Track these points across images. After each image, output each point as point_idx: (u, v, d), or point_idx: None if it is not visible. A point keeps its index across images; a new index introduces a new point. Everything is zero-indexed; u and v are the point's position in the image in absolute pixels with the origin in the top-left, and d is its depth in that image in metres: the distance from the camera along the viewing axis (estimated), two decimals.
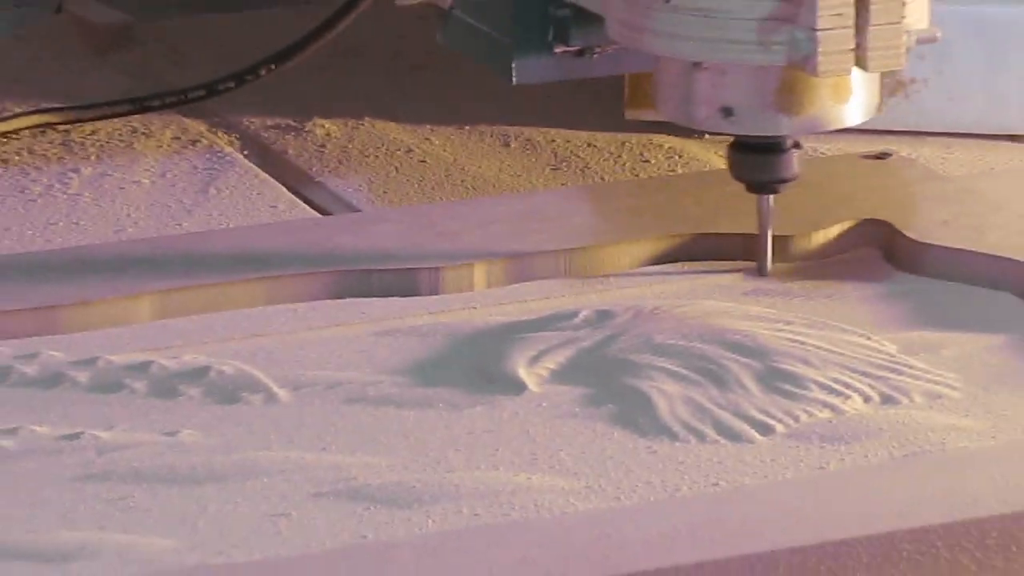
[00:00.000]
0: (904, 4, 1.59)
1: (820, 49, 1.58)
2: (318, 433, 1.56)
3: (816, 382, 1.60)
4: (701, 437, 1.55)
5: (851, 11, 1.58)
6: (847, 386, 1.60)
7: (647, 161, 1.93)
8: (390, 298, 1.71)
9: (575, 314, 1.68)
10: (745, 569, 1.38)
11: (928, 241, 1.74)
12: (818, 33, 1.58)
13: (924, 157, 1.89)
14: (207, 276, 1.70)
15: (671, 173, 1.90)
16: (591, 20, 1.70)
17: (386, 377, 1.62)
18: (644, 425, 1.56)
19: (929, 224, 1.75)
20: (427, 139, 1.97)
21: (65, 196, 1.88)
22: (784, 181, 1.69)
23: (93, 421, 1.57)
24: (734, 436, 1.55)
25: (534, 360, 1.63)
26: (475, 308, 1.71)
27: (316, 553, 1.43)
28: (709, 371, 1.61)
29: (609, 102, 2.00)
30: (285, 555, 1.43)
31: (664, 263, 1.76)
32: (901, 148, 1.89)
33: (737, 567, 1.39)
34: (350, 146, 1.96)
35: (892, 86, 1.95)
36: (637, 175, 1.91)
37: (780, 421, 1.57)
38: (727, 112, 1.65)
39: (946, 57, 1.96)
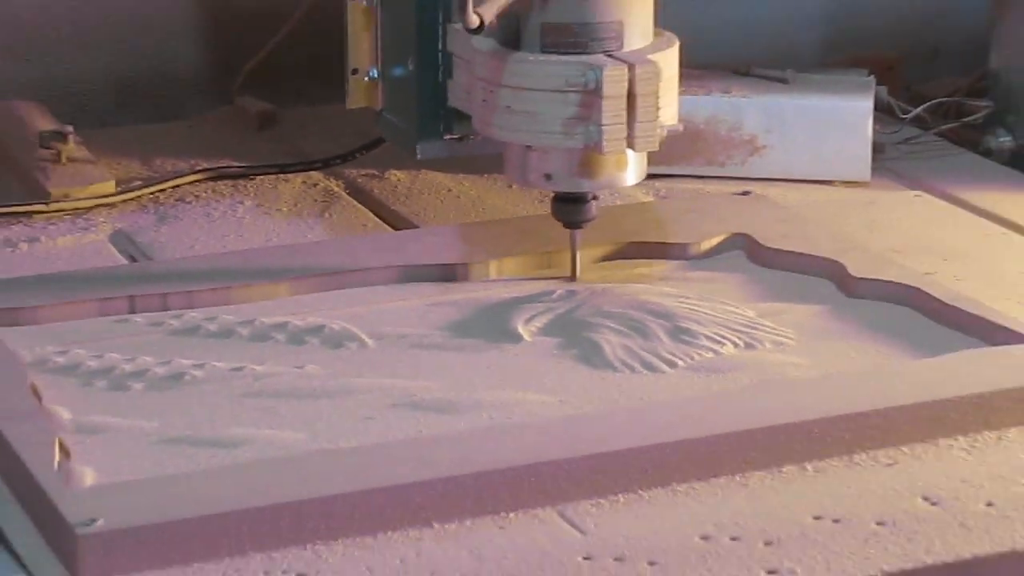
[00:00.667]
0: (658, 109, 1.56)
1: (604, 138, 1.56)
2: (392, 367, 1.56)
3: (704, 335, 1.60)
4: (632, 370, 1.55)
5: (624, 113, 1.56)
6: (723, 338, 1.60)
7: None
8: (437, 283, 1.71)
9: (553, 292, 1.67)
10: (659, 453, 1.39)
11: (774, 247, 1.74)
12: (603, 127, 1.56)
13: (770, 194, 1.88)
14: (323, 268, 1.70)
15: (613, 205, 1.88)
16: (465, 117, 1.69)
17: (435, 331, 1.62)
18: (596, 363, 1.56)
19: (774, 236, 1.75)
20: (460, 183, 1.97)
21: (234, 218, 1.88)
22: (587, 221, 1.66)
23: (251, 359, 1.57)
24: (653, 369, 1.55)
25: (527, 321, 1.63)
26: (490, 289, 1.70)
27: (390, 441, 1.43)
28: (637, 328, 1.60)
29: None
30: (371, 444, 1.44)
31: (609, 260, 1.75)
32: (756, 189, 1.89)
33: (654, 452, 1.39)
34: (412, 187, 1.96)
35: (751, 149, 1.95)
36: None
37: (681, 360, 1.57)
38: (548, 177, 1.63)
39: (785, 130, 1.95)
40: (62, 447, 1.41)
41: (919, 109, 2.06)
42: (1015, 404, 1.46)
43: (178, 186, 1.94)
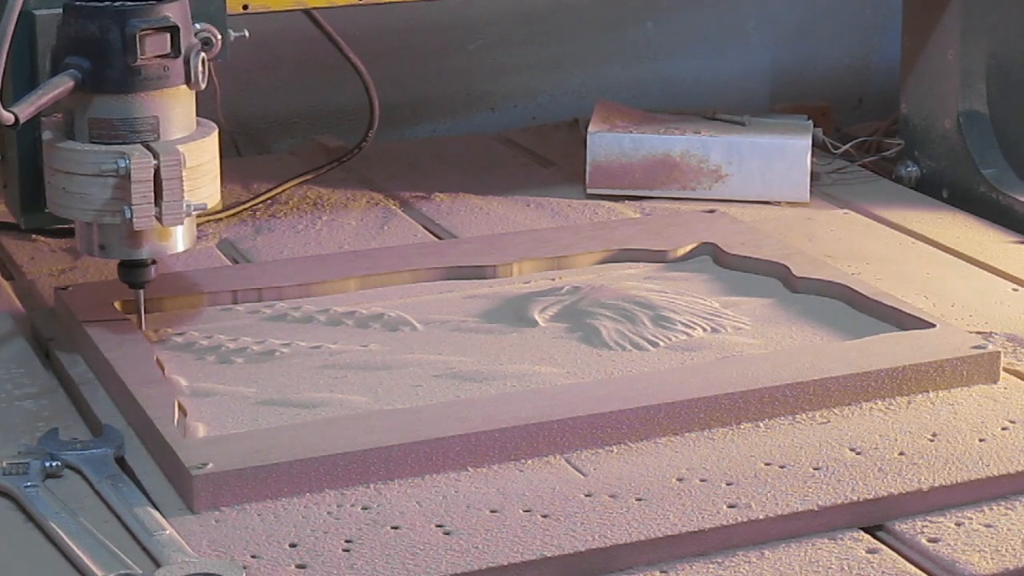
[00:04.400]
0: (184, 192, 1.45)
1: (135, 215, 1.44)
2: (436, 345, 1.55)
3: (679, 321, 1.59)
4: (623, 348, 1.55)
5: (152, 195, 1.44)
6: (694, 324, 1.59)
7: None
8: (471, 280, 1.70)
9: (561, 288, 1.66)
10: (645, 413, 1.38)
11: (733, 252, 1.73)
12: (134, 206, 1.44)
13: (731, 212, 1.88)
14: (383, 268, 1.69)
15: (608, 220, 1.87)
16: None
17: (469, 318, 1.61)
18: (595, 343, 1.56)
19: (735, 244, 1.74)
20: (491, 203, 1.96)
21: (314, 230, 1.87)
22: (147, 282, 1.53)
23: (327, 339, 1.56)
24: (640, 348, 1.55)
25: (542, 310, 1.62)
26: (513, 285, 1.69)
27: (434, 404, 1.43)
28: (627, 315, 1.60)
29: (567, 189, 1.99)
30: (419, 405, 1.44)
31: (605, 263, 1.74)
32: (720, 208, 1.88)
33: (640, 412, 1.39)
34: (452, 206, 1.95)
35: (716, 176, 1.95)
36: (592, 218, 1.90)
37: (662, 341, 1.56)
38: (103, 247, 1.50)
39: (743, 162, 1.94)
40: (180, 407, 1.41)
41: (847, 146, 2.05)
42: (921, 376, 1.46)
43: (270, 200, 1.94)
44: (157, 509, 1.28)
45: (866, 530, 1.28)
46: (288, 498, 1.29)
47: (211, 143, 1.49)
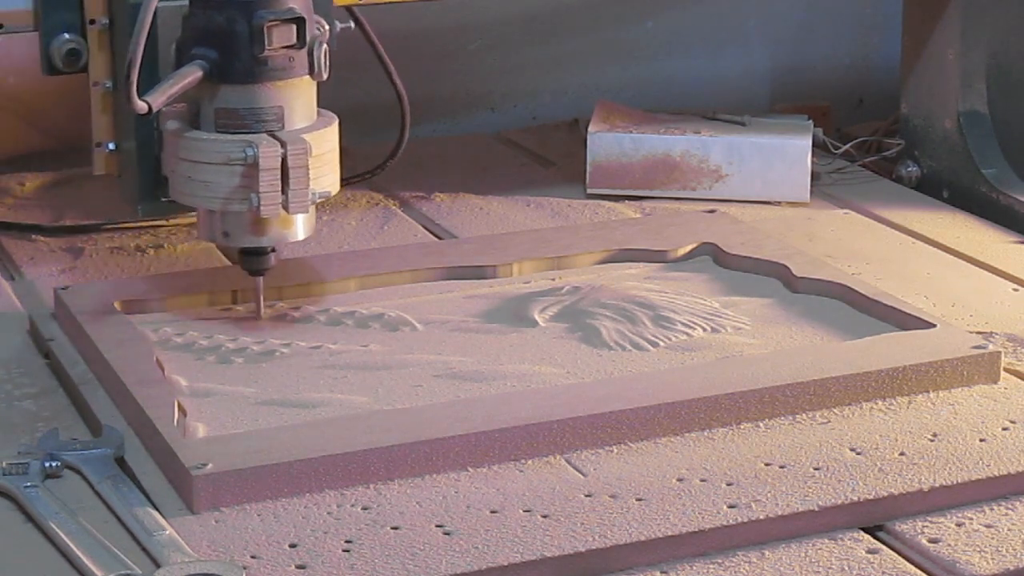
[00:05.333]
0: (310, 180, 1.50)
1: (262, 203, 1.49)
2: (436, 345, 1.55)
3: (679, 321, 1.59)
4: (623, 348, 1.55)
5: (278, 182, 1.49)
6: (694, 324, 1.59)
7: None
8: (471, 280, 1.70)
9: (562, 287, 1.66)
10: (645, 413, 1.38)
11: (733, 253, 1.73)
12: (261, 194, 1.48)
13: (731, 212, 1.88)
14: (383, 268, 1.69)
15: (608, 220, 1.87)
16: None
17: (469, 318, 1.61)
18: (595, 343, 1.56)
19: (734, 244, 1.74)
20: (491, 203, 1.96)
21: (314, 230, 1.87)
22: (266, 270, 1.56)
23: (327, 339, 1.56)
24: (640, 348, 1.55)
25: (542, 310, 1.62)
26: (513, 285, 1.69)
27: (435, 403, 1.43)
28: (627, 316, 1.60)
29: (567, 189, 1.99)
30: (420, 405, 1.44)
31: (606, 263, 1.74)
32: (720, 208, 1.88)
33: (641, 412, 1.39)
34: (452, 206, 1.95)
35: (716, 177, 1.95)
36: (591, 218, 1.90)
37: (662, 341, 1.56)
38: (226, 234, 1.54)
39: (743, 162, 1.95)
40: (180, 407, 1.41)
41: (847, 146, 2.05)
42: (922, 376, 1.46)
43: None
44: (157, 509, 1.28)
45: (866, 530, 1.28)
46: (288, 498, 1.29)
47: (332, 132, 1.53)
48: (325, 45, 1.51)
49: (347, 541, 1.24)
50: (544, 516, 1.27)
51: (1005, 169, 1.96)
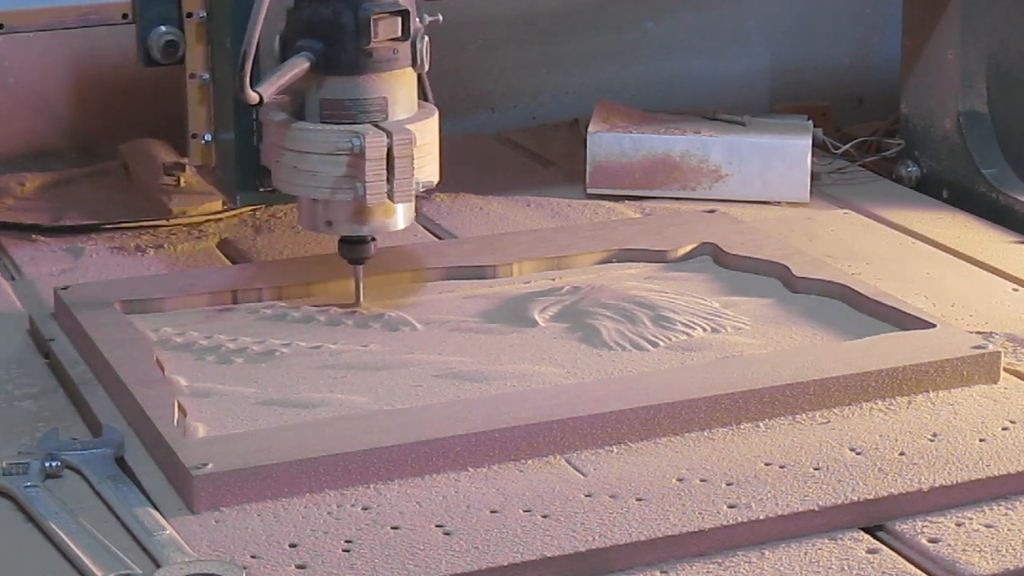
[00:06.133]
0: (414, 170, 1.52)
1: (368, 192, 1.51)
2: (436, 345, 1.55)
3: (679, 321, 1.59)
4: (623, 348, 1.55)
5: (384, 172, 1.51)
6: (694, 323, 1.59)
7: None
8: (471, 280, 1.69)
9: (561, 288, 1.66)
10: (645, 413, 1.38)
11: (733, 252, 1.72)
12: (367, 184, 1.51)
13: (731, 212, 1.87)
14: (383, 268, 1.69)
15: (609, 220, 1.87)
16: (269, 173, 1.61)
17: (469, 318, 1.61)
18: (595, 343, 1.56)
19: (734, 244, 1.74)
20: (491, 203, 1.96)
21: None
22: (366, 258, 1.59)
23: (327, 339, 1.56)
24: (640, 348, 1.55)
25: (542, 310, 1.62)
26: (513, 285, 1.69)
27: (435, 403, 1.43)
28: (627, 315, 1.60)
29: (567, 189, 1.99)
30: (420, 405, 1.44)
31: (606, 263, 1.74)
32: (720, 208, 1.88)
33: (640, 412, 1.39)
34: (452, 206, 1.95)
35: (716, 177, 1.95)
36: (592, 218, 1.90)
37: (662, 341, 1.56)
38: (329, 223, 1.56)
39: (743, 162, 1.94)
40: (180, 407, 1.41)
41: (847, 146, 2.05)
42: (921, 376, 1.46)
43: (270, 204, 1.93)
44: (157, 509, 1.28)
45: (866, 530, 1.28)
46: (288, 498, 1.29)
47: (433, 123, 1.56)
48: (427, 37, 1.53)
49: (347, 541, 1.24)
50: (544, 516, 1.27)
51: (1005, 169, 1.96)
